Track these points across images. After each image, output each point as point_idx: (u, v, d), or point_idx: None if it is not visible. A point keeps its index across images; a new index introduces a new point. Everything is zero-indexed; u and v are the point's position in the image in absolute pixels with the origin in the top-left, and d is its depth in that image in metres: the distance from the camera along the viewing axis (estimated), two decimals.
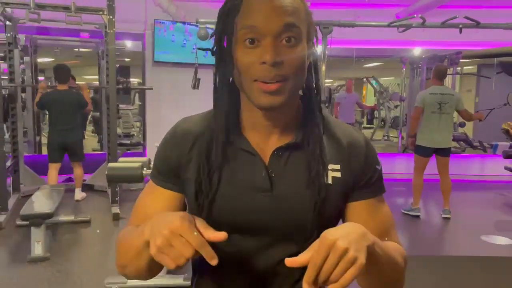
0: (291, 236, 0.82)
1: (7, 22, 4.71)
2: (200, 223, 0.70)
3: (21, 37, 5.76)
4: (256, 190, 0.81)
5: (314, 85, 0.85)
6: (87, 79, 9.37)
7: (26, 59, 6.36)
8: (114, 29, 4.34)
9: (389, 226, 0.88)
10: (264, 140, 0.84)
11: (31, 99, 6.63)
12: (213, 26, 0.85)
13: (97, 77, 7.36)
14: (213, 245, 0.75)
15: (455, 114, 4.65)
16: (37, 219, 3.26)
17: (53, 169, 4.75)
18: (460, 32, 4.59)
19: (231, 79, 0.82)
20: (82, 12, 4.26)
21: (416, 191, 4.60)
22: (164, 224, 0.67)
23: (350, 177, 0.84)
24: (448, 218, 4.57)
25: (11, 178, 4.99)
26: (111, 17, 4.34)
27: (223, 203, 0.82)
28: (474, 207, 5.27)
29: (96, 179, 5.58)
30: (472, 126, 9.57)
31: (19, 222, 4.04)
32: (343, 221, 0.87)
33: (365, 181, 0.85)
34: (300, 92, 0.85)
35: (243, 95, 0.83)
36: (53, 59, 7.95)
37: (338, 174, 0.83)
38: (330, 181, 0.82)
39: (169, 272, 2.89)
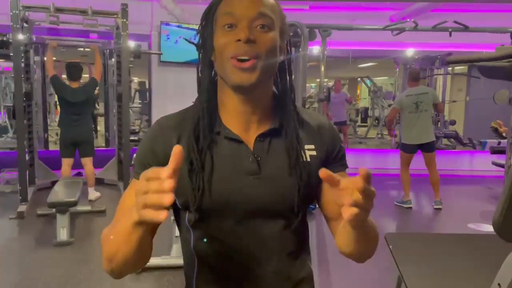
0: (280, 212, 0.90)
1: (24, 24, 4.98)
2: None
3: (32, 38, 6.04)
4: (246, 173, 0.88)
5: (288, 83, 0.95)
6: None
7: (36, 58, 6.62)
8: (127, 31, 4.63)
9: None
10: (245, 128, 0.91)
11: (40, 97, 6.92)
12: None
13: None
14: (210, 234, 0.88)
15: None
16: (63, 207, 3.55)
17: (66, 164, 4.94)
18: (450, 35, 4.93)
19: (212, 72, 0.90)
20: (98, 16, 4.54)
21: (406, 185, 4.97)
22: None
23: (323, 154, 0.94)
24: (440, 209, 4.92)
25: (27, 172, 5.25)
26: (124, 20, 4.63)
27: (217, 185, 0.86)
28: (463, 199, 5.63)
29: (107, 173, 5.86)
30: (463, 124, 9.95)
31: (40, 211, 4.33)
32: (317, 197, 0.96)
33: (334, 156, 0.96)
34: (274, 89, 0.95)
35: (220, 83, 0.91)
36: (59, 59, 8.19)
37: (314, 153, 0.93)
38: (308, 159, 0.92)
39: None
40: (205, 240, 0.90)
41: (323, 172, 0.68)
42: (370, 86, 11.35)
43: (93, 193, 5.09)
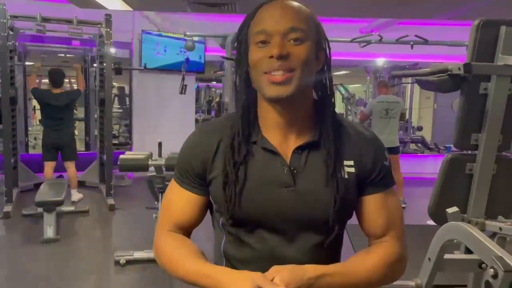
0: (314, 228, 0.88)
1: (10, 32, 5.16)
2: (261, 279, 0.78)
3: None
4: (280, 185, 0.87)
5: (328, 91, 0.93)
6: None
7: (18, 63, 6.76)
8: (111, 40, 4.88)
9: (395, 220, 0.94)
10: (283, 140, 0.90)
11: (22, 102, 7.04)
12: (196, 38, 1.13)
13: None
14: (242, 240, 0.89)
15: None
16: (50, 205, 3.77)
17: (49, 167, 5.05)
18: (412, 48, 5.35)
19: (251, 85, 0.91)
20: (83, 25, 4.77)
21: None
22: None
23: (362, 172, 0.91)
24: (403, 208, 5.31)
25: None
26: (108, 29, 4.87)
27: (250, 196, 0.87)
28: (426, 200, 5.99)
29: (88, 175, 6.05)
30: (431, 130, 10.46)
31: (25, 211, 4.51)
32: (356, 212, 0.95)
33: (375, 175, 0.92)
34: (315, 96, 0.94)
35: (259, 96, 0.91)
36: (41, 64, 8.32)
37: (352, 170, 0.90)
38: (346, 176, 0.89)
39: None
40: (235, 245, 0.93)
41: None
42: (344, 93, 11.78)
43: (76, 195, 5.24)
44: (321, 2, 4.66)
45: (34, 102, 9.20)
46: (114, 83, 11.92)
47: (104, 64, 5.15)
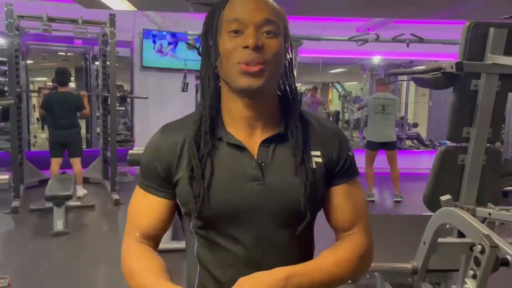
0: (285, 221, 0.87)
1: (15, 31, 5.27)
2: None
3: None
4: (248, 179, 0.85)
5: (292, 84, 0.93)
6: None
7: (22, 63, 6.87)
8: (115, 40, 5.00)
9: (361, 210, 0.95)
10: (249, 134, 0.88)
11: (25, 101, 7.15)
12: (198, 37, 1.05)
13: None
14: (215, 242, 0.86)
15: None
16: (60, 199, 3.90)
17: (55, 163, 5.18)
18: (407, 46, 5.51)
19: (216, 77, 0.89)
20: (87, 25, 4.89)
21: (369, 180, 5.51)
22: None
23: (329, 162, 0.91)
24: (399, 201, 5.47)
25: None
26: (112, 29, 5.00)
27: (219, 191, 0.85)
28: (421, 193, 6.18)
29: (91, 172, 6.18)
30: (426, 127, 10.63)
31: (33, 206, 4.64)
32: (323, 206, 0.94)
33: (341, 165, 0.92)
34: (279, 93, 0.93)
35: (224, 89, 0.89)
36: (42, 63, 8.45)
37: (320, 160, 0.90)
38: (314, 166, 0.89)
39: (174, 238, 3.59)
40: (207, 247, 0.90)
41: None
42: (341, 91, 11.94)
43: (81, 190, 5.37)
44: (318, 2, 4.83)
45: (34, 101, 9.32)
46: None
47: (108, 63, 5.27)
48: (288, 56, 0.91)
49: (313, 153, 0.90)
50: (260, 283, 0.79)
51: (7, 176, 1.60)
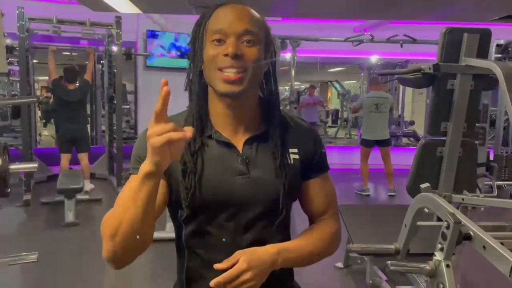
0: (266, 211, 0.97)
1: (26, 33, 5.50)
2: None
3: None
4: (236, 173, 0.96)
5: (273, 89, 1.02)
6: None
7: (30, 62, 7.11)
8: (121, 41, 5.23)
9: (332, 200, 1.09)
10: (234, 133, 0.98)
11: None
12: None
13: None
14: (202, 229, 0.96)
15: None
16: (71, 192, 4.14)
17: (65, 159, 5.40)
18: (401, 46, 5.74)
19: (203, 80, 0.96)
20: (95, 26, 5.12)
21: (365, 175, 5.75)
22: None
23: (304, 158, 1.02)
24: (393, 196, 5.71)
25: None
26: (118, 30, 5.23)
27: (209, 183, 0.94)
28: None
29: (98, 168, 6.41)
30: (423, 125, 10.82)
31: (44, 200, 4.87)
32: (299, 197, 1.07)
33: (315, 162, 1.04)
34: (260, 94, 1.02)
35: (210, 91, 0.98)
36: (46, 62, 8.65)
37: (297, 156, 1.01)
38: (292, 162, 1.00)
39: None
40: (195, 234, 0.98)
41: (216, 267, 0.88)
42: (339, 89, 12.15)
43: (88, 185, 5.57)
44: (315, 4, 5.05)
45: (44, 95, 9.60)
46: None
47: (114, 63, 5.51)
48: (270, 61, 0.99)
49: (291, 150, 1.00)
50: (255, 255, 0.91)
51: (36, 164, 1.78)
